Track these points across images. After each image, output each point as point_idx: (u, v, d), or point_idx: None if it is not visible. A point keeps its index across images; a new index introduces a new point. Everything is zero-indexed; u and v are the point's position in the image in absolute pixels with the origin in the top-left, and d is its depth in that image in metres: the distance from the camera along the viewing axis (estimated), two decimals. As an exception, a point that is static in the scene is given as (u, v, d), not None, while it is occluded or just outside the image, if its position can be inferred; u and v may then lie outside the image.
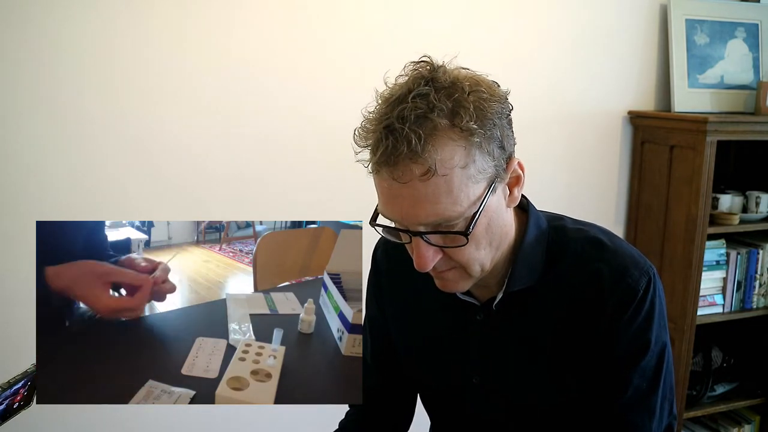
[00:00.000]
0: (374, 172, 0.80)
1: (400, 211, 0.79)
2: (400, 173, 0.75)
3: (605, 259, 0.89)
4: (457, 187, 0.76)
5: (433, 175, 0.74)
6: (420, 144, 0.73)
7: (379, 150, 0.76)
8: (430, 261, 0.80)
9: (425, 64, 0.82)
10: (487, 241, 0.83)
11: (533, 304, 0.91)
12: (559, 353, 0.91)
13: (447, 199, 0.76)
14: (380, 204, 0.82)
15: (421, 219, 0.77)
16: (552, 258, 0.91)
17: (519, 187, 0.86)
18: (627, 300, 0.86)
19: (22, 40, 1.59)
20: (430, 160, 0.74)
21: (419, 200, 0.76)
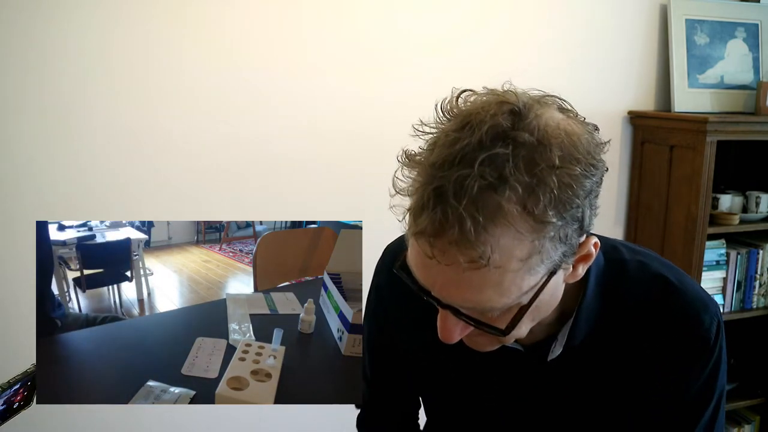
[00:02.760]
0: (410, 233, 0.63)
1: (432, 285, 0.65)
2: (442, 253, 0.60)
3: (674, 305, 0.79)
4: (510, 280, 0.61)
5: (484, 267, 0.59)
6: (475, 231, 0.57)
7: (423, 217, 0.60)
8: (456, 336, 0.69)
9: (510, 106, 0.62)
10: (530, 319, 0.70)
11: (589, 354, 0.80)
12: (616, 406, 0.83)
13: (493, 291, 0.62)
14: (410, 260, 0.67)
15: (455, 301, 0.64)
16: (612, 302, 0.79)
17: (585, 264, 0.71)
18: (699, 351, 0.78)
19: (22, 40, 1.59)
20: (484, 251, 0.58)
21: (459, 285, 0.62)
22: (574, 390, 0.83)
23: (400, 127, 2.16)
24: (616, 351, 0.80)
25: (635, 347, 0.80)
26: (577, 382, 0.82)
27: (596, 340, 0.80)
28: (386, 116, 1.94)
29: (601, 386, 0.82)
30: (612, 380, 0.82)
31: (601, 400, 0.83)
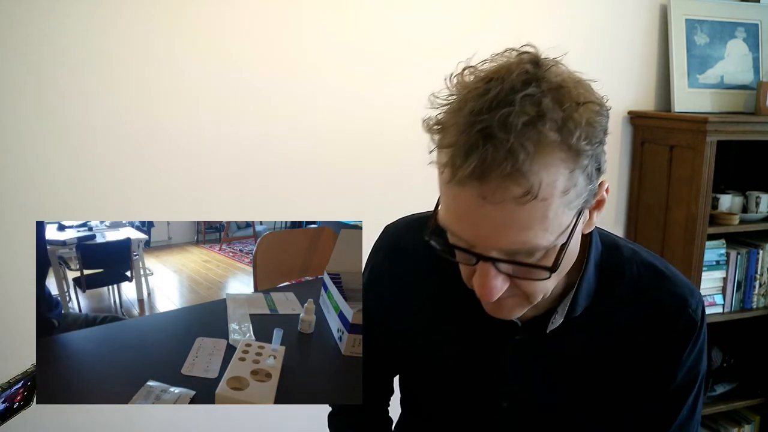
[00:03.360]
0: (453, 183, 0.65)
1: (477, 233, 0.66)
2: (493, 191, 0.62)
3: (665, 288, 0.84)
4: (553, 214, 0.65)
5: (533, 198, 0.62)
6: (526, 161, 0.61)
7: (471, 159, 0.61)
8: (498, 291, 0.69)
9: (530, 56, 0.68)
10: (561, 271, 0.74)
11: (583, 328, 0.84)
12: (604, 377, 0.86)
13: (540, 227, 0.65)
14: (448, 218, 0.68)
15: (503, 245, 0.66)
16: (607, 281, 0.84)
17: (599, 211, 0.77)
18: (689, 333, 0.84)
19: (22, 40, 1.59)
20: (534, 182, 0.62)
21: (508, 224, 0.64)
22: (558, 363, 0.86)
23: (400, 127, 2.17)
24: (610, 328, 0.85)
25: (629, 325, 0.84)
26: (563, 355, 0.85)
27: (592, 315, 0.84)
28: (386, 116, 1.94)
29: (586, 361, 0.85)
30: (605, 356, 0.85)
31: (585, 375, 0.86)
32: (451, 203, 0.67)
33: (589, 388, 0.87)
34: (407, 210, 1.04)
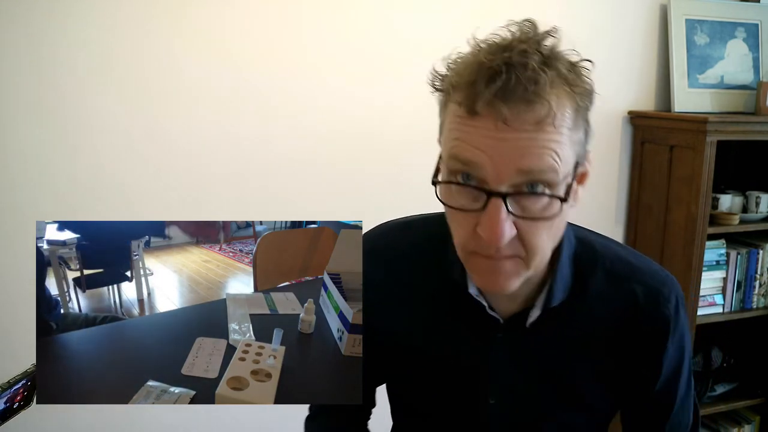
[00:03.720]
0: (467, 113, 0.67)
1: (495, 159, 0.66)
2: (514, 115, 0.65)
3: (638, 280, 0.86)
4: (564, 147, 0.68)
5: (551, 123, 0.66)
6: (546, 86, 0.65)
7: (493, 84, 0.65)
8: (506, 235, 0.68)
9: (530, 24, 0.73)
10: (556, 230, 0.74)
11: (563, 322, 0.85)
12: (588, 372, 0.88)
13: (554, 155, 0.67)
14: (461, 151, 0.69)
15: (522, 165, 0.66)
16: (581, 273, 0.85)
17: (583, 185, 0.79)
18: (666, 324, 0.86)
19: (22, 40, 1.59)
20: (551, 107, 0.66)
21: (525, 148, 0.66)
22: (541, 357, 0.87)
23: (401, 127, 2.17)
24: (588, 321, 0.86)
25: (606, 319, 0.86)
26: (544, 349, 0.87)
27: (570, 310, 0.85)
28: (386, 116, 1.94)
29: (568, 353, 0.87)
30: (587, 350, 0.87)
31: (568, 368, 0.87)
32: (467, 136, 0.68)
33: (574, 383, 0.88)
34: (407, 210, 1.04)
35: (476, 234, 0.70)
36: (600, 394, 0.90)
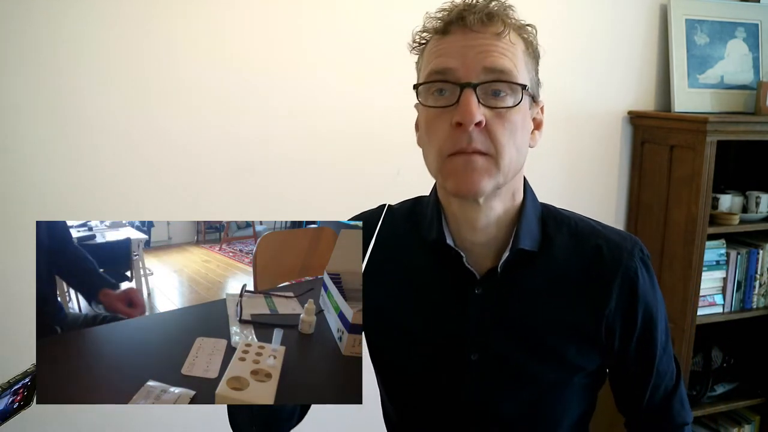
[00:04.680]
0: (440, 35, 0.86)
1: (464, 58, 0.83)
2: (478, 25, 0.83)
3: (601, 236, 0.95)
4: (519, 59, 0.85)
5: (507, 35, 0.84)
6: (502, 12, 0.85)
7: (462, 10, 0.84)
8: (477, 115, 0.81)
9: None
10: (519, 143, 0.86)
11: (534, 275, 0.93)
12: (563, 326, 0.93)
13: (513, 61, 0.84)
14: (434, 61, 0.85)
15: (486, 63, 0.82)
16: (548, 230, 0.95)
17: (540, 132, 0.92)
18: (632, 274, 0.93)
19: (22, 40, 1.59)
20: (507, 24, 0.84)
21: (488, 48, 0.83)
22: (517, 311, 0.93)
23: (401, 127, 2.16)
24: (554, 274, 0.93)
25: (575, 271, 0.93)
26: (519, 303, 0.93)
27: (542, 262, 0.93)
28: (386, 116, 1.94)
29: (542, 307, 0.93)
30: (553, 301, 0.93)
31: (543, 320, 0.93)
32: (439, 48, 0.86)
33: (551, 337, 0.93)
34: (407, 210, 1.04)
35: (451, 131, 0.83)
36: (577, 349, 0.94)
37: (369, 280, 0.99)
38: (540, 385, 0.95)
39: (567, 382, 0.96)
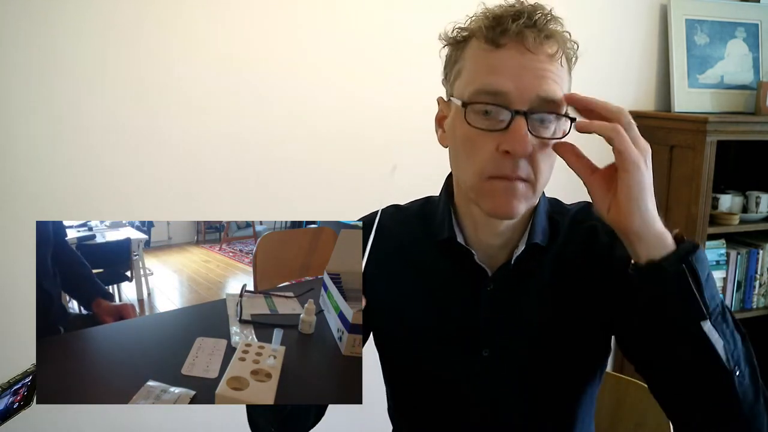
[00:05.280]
0: (492, 46, 0.81)
1: (519, 82, 0.79)
2: (537, 44, 0.80)
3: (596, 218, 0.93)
4: (566, 85, 0.83)
5: (559, 58, 0.81)
6: (558, 31, 0.82)
7: (520, 18, 0.80)
8: (529, 144, 0.79)
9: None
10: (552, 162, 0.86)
11: (541, 270, 0.94)
12: (571, 315, 0.93)
13: (561, 88, 0.81)
14: (489, 77, 0.81)
15: (540, 91, 0.79)
16: (554, 224, 0.96)
17: None
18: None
19: (21, 40, 1.59)
20: (561, 47, 0.82)
21: (544, 74, 0.80)
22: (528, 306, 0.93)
23: (401, 127, 2.16)
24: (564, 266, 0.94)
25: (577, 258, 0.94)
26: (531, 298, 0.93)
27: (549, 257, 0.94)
28: (387, 117, 1.94)
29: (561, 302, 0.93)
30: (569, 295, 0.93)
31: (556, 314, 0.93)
32: (492, 63, 0.81)
33: (561, 328, 0.93)
34: (407, 210, 1.04)
35: (496, 155, 0.81)
36: (588, 341, 0.94)
37: (380, 279, 0.99)
38: (551, 379, 0.95)
39: (578, 376, 0.96)
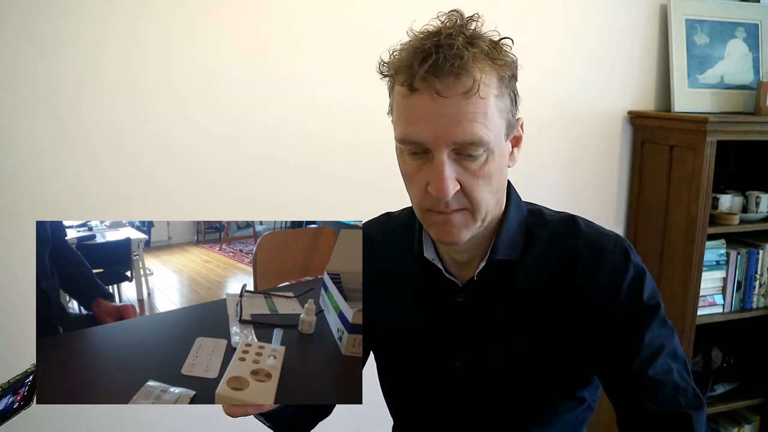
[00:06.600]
0: (408, 90, 0.81)
1: (434, 131, 0.79)
2: (445, 87, 0.78)
3: (580, 236, 0.93)
4: (491, 114, 0.80)
5: (475, 93, 0.78)
6: (470, 61, 0.78)
7: (426, 63, 0.78)
8: (451, 189, 0.80)
9: (457, 13, 0.85)
10: (496, 185, 0.85)
11: (514, 282, 0.93)
12: (545, 329, 0.92)
13: (482, 122, 0.79)
14: (407, 128, 0.83)
15: (456, 137, 0.79)
16: (530, 238, 0.94)
17: (518, 148, 0.91)
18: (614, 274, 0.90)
19: (21, 40, 1.59)
20: (476, 78, 0.78)
21: (458, 117, 0.78)
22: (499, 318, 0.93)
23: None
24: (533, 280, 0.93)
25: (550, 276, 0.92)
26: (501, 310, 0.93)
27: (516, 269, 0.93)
28: (386, 117, 1.94)
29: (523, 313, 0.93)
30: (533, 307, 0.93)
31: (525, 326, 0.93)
32: (409, 112, 0.82)
33: (534, 342, 0.93)
34: (407, 210, 1.04)
35: (427, 192, 0.83)
36: (560, 352, 0.93)
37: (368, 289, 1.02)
38: (525, 389, 0.95)
39: (553, 385, 0.95)
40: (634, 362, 0.88)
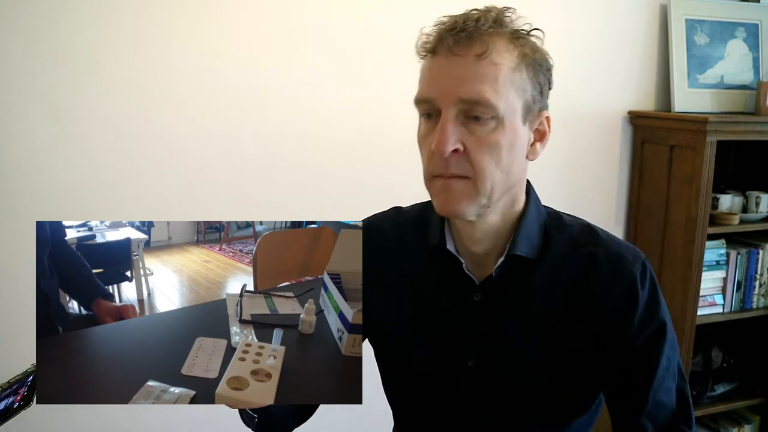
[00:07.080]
0: (429, 54, 0.85)
1: (443, 87, 0.82)
2: (459, 46, 0.81)
3: (599, 244, 0.93)
4: (503, 81, 0.82)
5: (488, 57, 0.81)
6: (486, 30, 0.82)
7: (446, 26, 0.83)
8: (450, 141, 0.81)
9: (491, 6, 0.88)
10: (506, 164, 0.84)
11: (531, 281, 0.92)
12: (558, 331, 0.92)
13: (491, 86, 0.81)
14: (421, 87, 0.86)
15: (462, 94, 0.81)
16: (549, 239, 0.94)
17: (542, 144, 0.91)
18: (631, 286, 0.90)
19: (21, 40, 1.59)
20: (490, 45, 0.81)
21: (467, 75, 0.81)
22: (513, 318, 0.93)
23: (400, 127, 2.15)
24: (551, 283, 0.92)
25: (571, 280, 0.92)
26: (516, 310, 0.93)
27: (533, 270, 0.92)
28: (386, 117, 1.94)
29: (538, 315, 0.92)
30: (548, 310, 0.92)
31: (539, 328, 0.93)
32: (425, 74, 0.86)
33: (547, 344, 0.93)
34: (407, 210, 1.04)
35: (433, 156, 0.83)
36: (572, 356, 0.92)
37: (373, 283, 1.00)
38: (535, 392, 0.95)
39: (562, 389, 0.95)
40: (641, 381, 0.90)
